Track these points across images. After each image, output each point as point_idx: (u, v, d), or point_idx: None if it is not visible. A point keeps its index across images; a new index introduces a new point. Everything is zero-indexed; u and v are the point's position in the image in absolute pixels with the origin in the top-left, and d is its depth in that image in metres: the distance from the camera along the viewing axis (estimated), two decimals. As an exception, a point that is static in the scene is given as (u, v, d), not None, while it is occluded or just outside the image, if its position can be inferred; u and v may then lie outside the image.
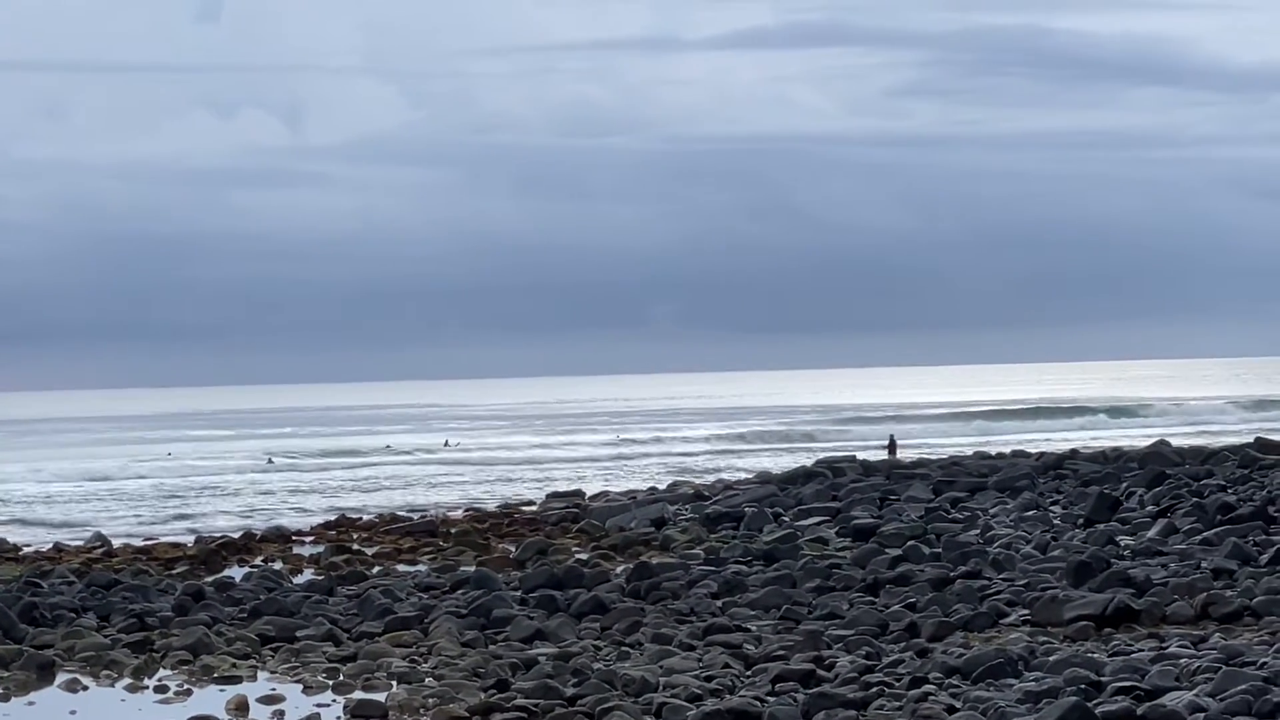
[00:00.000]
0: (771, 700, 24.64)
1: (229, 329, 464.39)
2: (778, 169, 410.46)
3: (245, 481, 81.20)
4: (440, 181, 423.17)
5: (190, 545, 51.93)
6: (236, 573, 43.71)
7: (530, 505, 62.70)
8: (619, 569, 40.62)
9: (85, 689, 29.23)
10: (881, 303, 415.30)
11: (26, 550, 51.38)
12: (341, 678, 28.99)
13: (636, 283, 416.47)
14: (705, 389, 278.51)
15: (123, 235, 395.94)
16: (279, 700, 27.43)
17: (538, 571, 38.69)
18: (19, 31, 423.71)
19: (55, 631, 33.08)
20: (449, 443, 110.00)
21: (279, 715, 26.60)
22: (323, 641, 31.99)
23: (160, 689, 28.85)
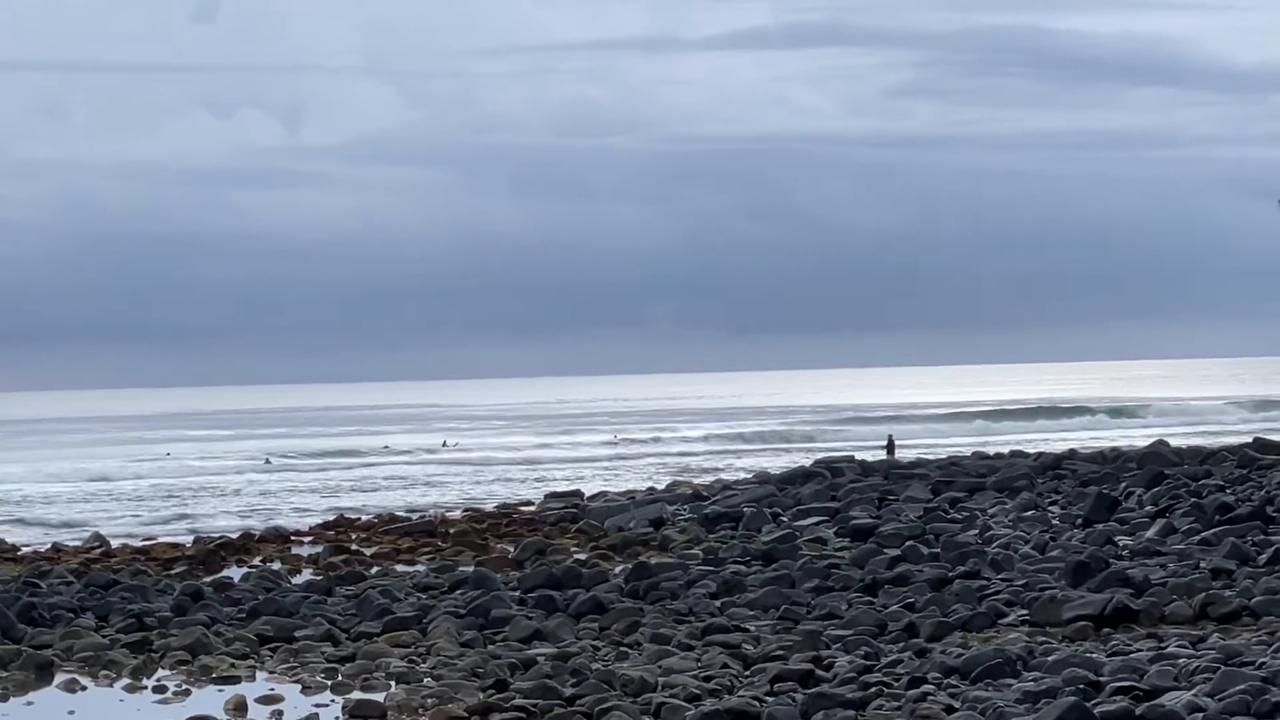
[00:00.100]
0: (770, 700, 24.63)
1: (228, 329, 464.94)
2: (777, 169, 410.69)
3: (244, 481, 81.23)
4: (439, 181, 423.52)
5: (189, 545, 51.93)
6: (235, 573, 43.71)
7: (529, 505, 62.65)
8: (617, 569, 40.58)
9: (84, 689, 29.20)
10: (880, 303, 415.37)
11: (25, 550, 51.37)
12: (340, 678, 28.98)
13: (636, 283, 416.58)
14: (704, 389, 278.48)
15: (122, 235, 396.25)
16: (277, 700, 27.42)
17: (536, 572, 38.67)
18: (18, 31, 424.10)
19: (54, 631, 33.05)
20: (447, 443, 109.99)
21: (277, 715, 26.59)
22: (321, 642, 31.98)
23: (159, 689, 28.84)
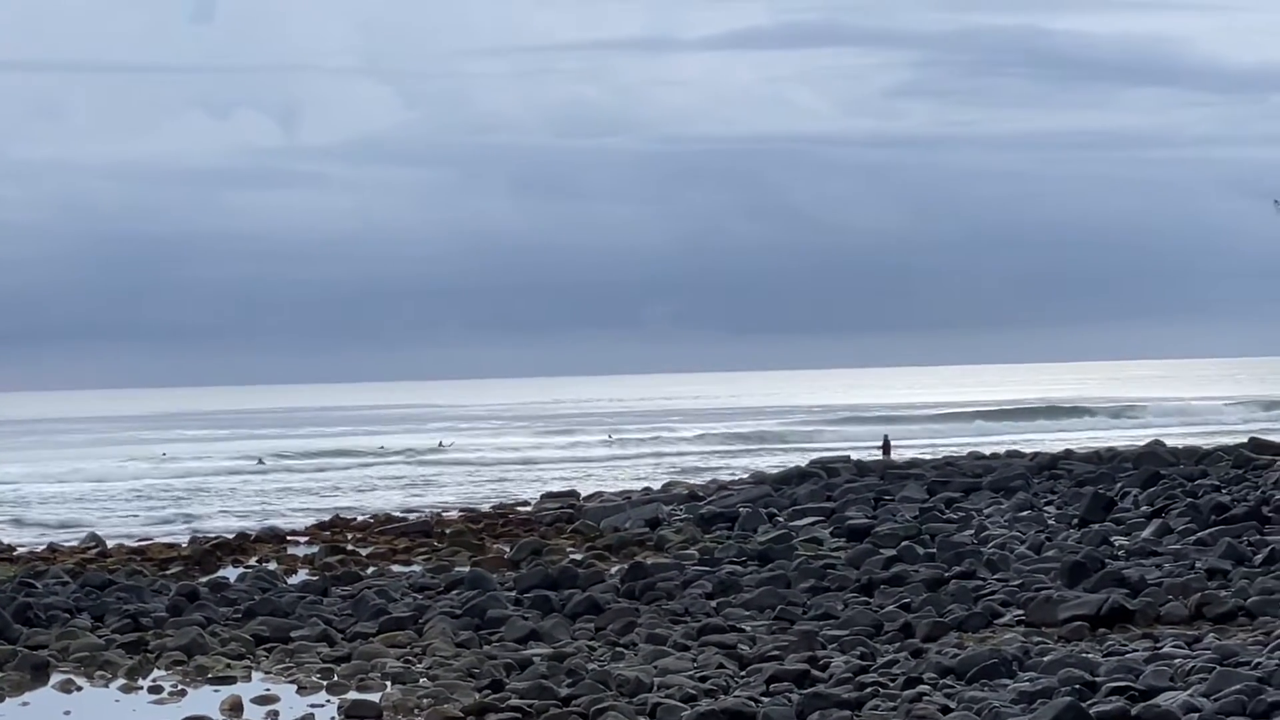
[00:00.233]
0: (766, 700, 24.63)
1: (225, 329, 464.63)
2: (774, 169, 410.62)
3: (240, 482, 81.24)
4: (436, 182, 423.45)
5: (185, 545, 51.94)
6: (231, 573, 43.72)
7: (525, 506, 62.68)
8: (613, 569, 40.60)
9: (79, 689, 29.19)
10: (878, 303, 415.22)
11: (21, 550, 51.37)
12: (336, 678, 28.97)
13: (632, 283, 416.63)
14: (700, 389, 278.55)
15: (119, 235, 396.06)
16: (273, 701, 27.40)
17: (532, 572, 38.68)
18: (15, 31, 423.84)
19: (49, 632, 33.03)
20: (444, 443, 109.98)
21: (273, 716, 26.58)
22: (317, 642, 31.97)
23: (154, 689, 28.82)
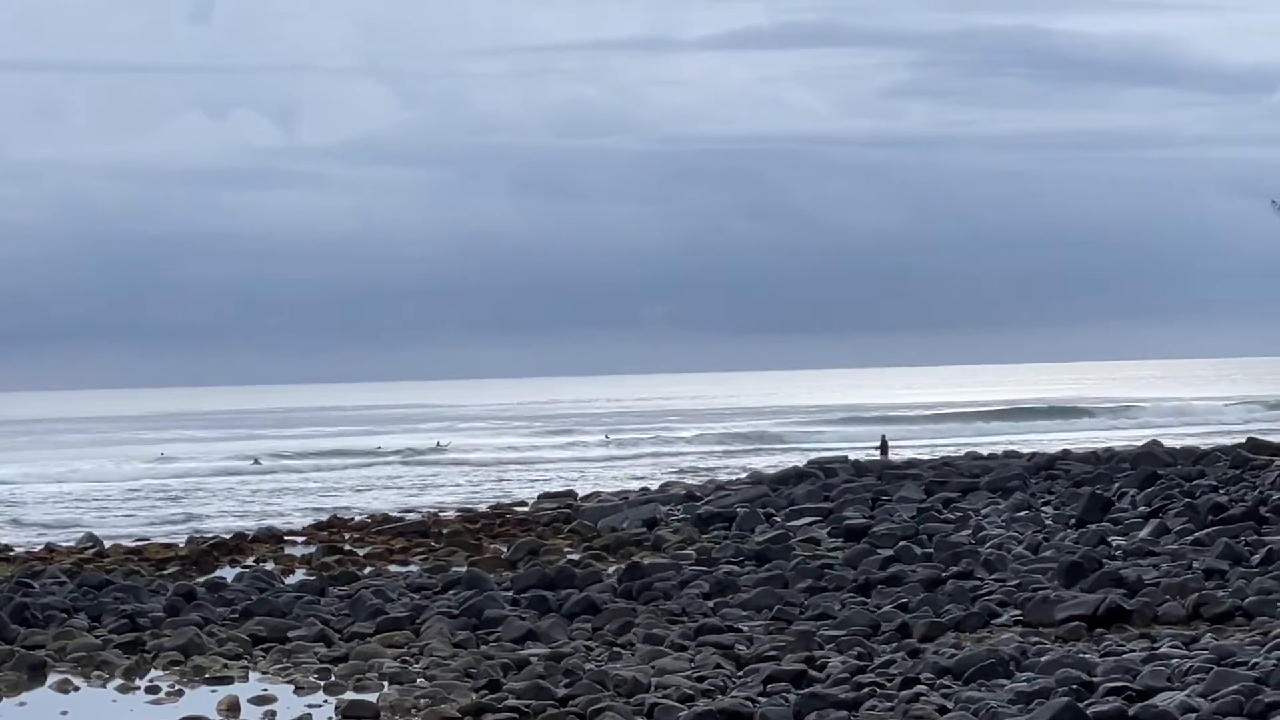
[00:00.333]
0: (763, 701, 24.63)
1: (224, 329, 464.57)
2: (773, 169, 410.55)
3: (237, 482, 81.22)
4: (435, 182, 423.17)
5: (182, 545, 51.88)
6: (228, 573, 43.66)
7: (522, 506, 62.65)
8: (611, 569, 40.59)
9: (76, 690, 29.20)
10: (876, 303, 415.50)
11: (18, 550, 51.33)
12: (333, 678, 28.96)
13: (631, 283, 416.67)
14: (699, 389, 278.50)
15: (117, 235, 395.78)
16: (270, 701, 27.40)
17: (529, 572, 38.67)
18: (14, 31, 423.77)
19: (46, 632, 33.02)
20: (441, 443, 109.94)
21: (270, 716, 26.58)
22: (314, 642, 31.95)
23: (152, 690, 28.82)
